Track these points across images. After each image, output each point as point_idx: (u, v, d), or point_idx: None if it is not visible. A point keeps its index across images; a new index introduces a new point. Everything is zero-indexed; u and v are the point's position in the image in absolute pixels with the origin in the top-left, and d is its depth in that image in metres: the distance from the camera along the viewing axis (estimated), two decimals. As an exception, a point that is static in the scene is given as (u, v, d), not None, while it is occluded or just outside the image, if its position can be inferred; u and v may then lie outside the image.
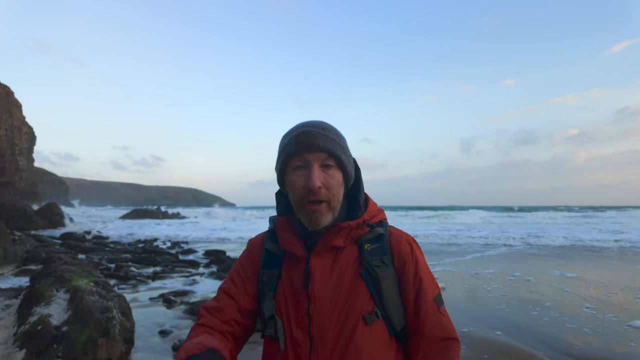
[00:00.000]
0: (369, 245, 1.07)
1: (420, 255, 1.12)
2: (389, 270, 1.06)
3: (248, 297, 1.12)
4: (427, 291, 1.06)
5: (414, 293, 1.06)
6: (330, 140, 1.05)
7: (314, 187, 1.00)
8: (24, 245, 9.49)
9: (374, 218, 1.12)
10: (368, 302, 1.01)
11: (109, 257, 9.91)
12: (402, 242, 1.11)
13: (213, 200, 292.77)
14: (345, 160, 1.07)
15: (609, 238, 14.93)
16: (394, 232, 1.13)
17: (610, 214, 39.46)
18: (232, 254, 11.07)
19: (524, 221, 30.32)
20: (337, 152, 1.05)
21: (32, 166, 30.02)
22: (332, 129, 1.09)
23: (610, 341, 4.18)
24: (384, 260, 1.06)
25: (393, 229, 1.15)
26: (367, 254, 1.06)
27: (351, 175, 1.11)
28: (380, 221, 1.14)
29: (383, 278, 1.03)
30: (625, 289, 6.62)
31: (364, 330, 0.98)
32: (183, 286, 6.88)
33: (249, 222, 30.06)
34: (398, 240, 1.11)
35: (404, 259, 1.08)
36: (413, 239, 1.15)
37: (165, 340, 4.09)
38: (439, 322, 1.04)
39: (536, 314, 5.15)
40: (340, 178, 1.07)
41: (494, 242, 14.45)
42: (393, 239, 1.11)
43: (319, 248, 1.05)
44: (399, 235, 1.12)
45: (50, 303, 3.55)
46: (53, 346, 2.92)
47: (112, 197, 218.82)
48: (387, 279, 1.04)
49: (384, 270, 1.04)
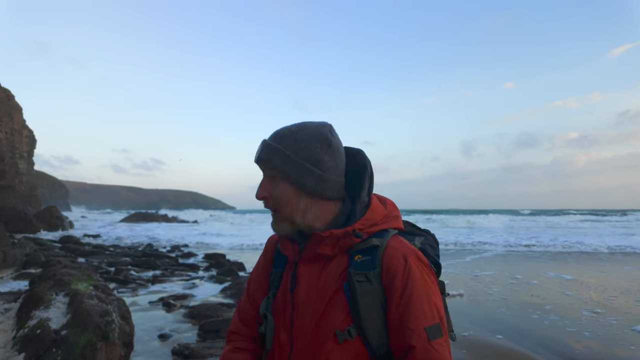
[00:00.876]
0: (359, 257, 0.95)
1: (418, 273, 0.92)
2: (372, 287, 0.91)
3: (264, 295, 1.13)
4: (415, 316, 0.88)
5: (398, 316, 0.89)
6: (272, 150, 0.98)
7: (256, 196, 1.02)
8: (24, 249, 9.48)
9: (374, 227, 0.99)
10: (345, 318, 0.91)
11: (108, 261, 9.90)
12: (395, 256, 0.93)
13: (213, 204, 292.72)
14: (288, 169, 0.96)
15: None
16: (391, 245, 0.96)
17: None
18: (231, 257, 11.06)
19: (555, 225, 29.33)
20: (275, 162, 0.97)
21: (32, 169, 30.02)
22: (287, 135, 0.99)
23: (612, 345, 4.16)
24: (368, 276, 0.92)
25: (395, 241, 0.97)
26: (355, 266, 0.94)
27: (304, 183, 0.97)
28: (382, 230, 0.99)
29: (361, 295, 0.90)
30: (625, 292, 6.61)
31: (334, 347, 0.91)
32: (183, 290, 6.87)
33: (250, 226, 30.03)
34: (392, 254, 0.94)
35: (393, 275, 0.92)
36: (415, 254, 0.96)
37: (165, 344, 4.08)
38: (427, 357, 0.86)
39: (537, 318, 5.14)
40: (286, 188, 0.98)
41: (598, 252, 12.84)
42: (387, 252, 0.94)
43: (305, 254, 1.00)
44: (396, 249, 0.95)
45: (50, 307, 3.54)
46: (52, 350, 2.91)
47: (112, 201, 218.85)
48: (366, 297, 0.90)
49: (364, 287, 0.91)
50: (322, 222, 1.00)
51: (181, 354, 3.74)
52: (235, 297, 6.08)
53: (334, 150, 1.00)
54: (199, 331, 4.39)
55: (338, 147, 1.01)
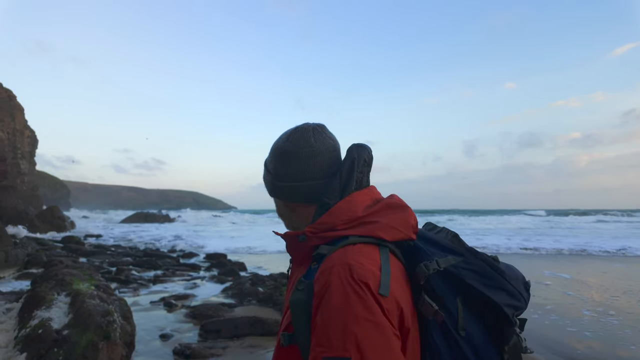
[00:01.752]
0: (314, 264, 0.85)
1: (338, 292, 0.74)
2: (302, 297, 0.80)
3: None
4: (317, 341, 0.73)
5: (312, 335, 0.76)
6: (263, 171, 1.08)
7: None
8: (25, 249, 9.50)
9: (331, 232, 0.86)
10: (290, 322, 0.83)
11: (110, 261, 9.91)
12: (323, 269, 0.79)
13: (214, 204, 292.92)
14: (264, 182, 1.07)
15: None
16: (330, 257, 0.81)
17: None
18: (233, 257, 11.07)
19: (575, 225, 28.40)
20: (264, 182, 1.07)
21: (34, 170, 30.09)
22: (272, 147, 1.04)
23: (613, 345, 4.15)
24: (303, 286, 0.81)
25: (338, 252, 0.81)
26: (306, 273, 0.86)
27: (271, 193, 1.05)
28: (341, 237, 0.85)
29: (291, 303, 0.80)
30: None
31: (279, 349, 0.86)
32: (184, 290, 6.88)
33: (249, 228, 30.04)
34: (323, 266, 0.80)
35: (316, 290, 0.78)
36: (348, 269, 0.76)
37: (166, 344, 4.08)
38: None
39: (538, 318, 5.13)
40: (278, 204, 1.06)
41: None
42: (324, 263, 0.81)
43: (289, 253, 0.99)
44: (330, 261, 0.80)
45: (51, 307, 3.55)
46: (54, 350, 2.92)
47: (113, 201, 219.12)
48: (295, 306, 0.80)
49: (295, 295, 0.81)
50: (304, 225, 0.97)
51: (182, 353, 3.75)
52: (236, 297, 6.08)
53: (291, 157, 0.95)
54: (200, 331, 4.39)
55: (299, 152, 0.94)
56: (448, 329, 0.78)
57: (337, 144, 1.00)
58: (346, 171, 0.93)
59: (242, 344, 4.13)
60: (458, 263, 0.83)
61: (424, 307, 0.80)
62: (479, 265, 0.83)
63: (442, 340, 0.79)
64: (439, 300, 0.80)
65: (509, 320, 0.79)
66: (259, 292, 6.12)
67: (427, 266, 0.82)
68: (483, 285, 0.80)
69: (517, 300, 0.82)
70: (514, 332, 0.80)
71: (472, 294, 0.80)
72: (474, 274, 0.82)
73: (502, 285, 0.81)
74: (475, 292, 0.80)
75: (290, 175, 0.96)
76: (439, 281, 0.82)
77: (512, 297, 0.81)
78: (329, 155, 0.96)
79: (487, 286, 0.80)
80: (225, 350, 3.93)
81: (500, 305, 0.79)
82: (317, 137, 0.96)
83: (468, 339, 0.78)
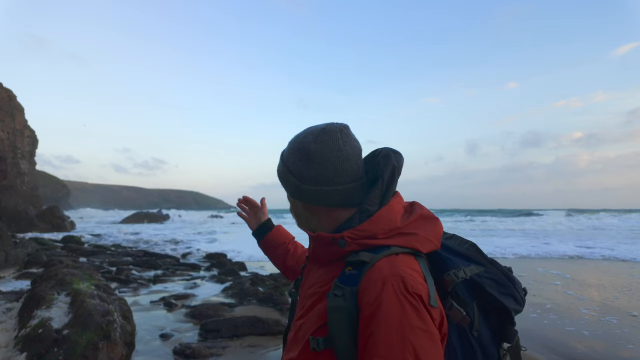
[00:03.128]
0: (349, 269, 0.86)
1: (395, 304, 0.77)
2: (345, 305, 0.80)
3: None
4: (376, 352, 0.75)
5: (362, 345, 0.78)
6: (278, 166, 1.04)
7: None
8: (26, 249, 9.49)
9: (370, 239, 0.87)
10: (320, 327, 0.84)
11: (110, 261, 9.91)
12: (374, 278, 0.80)
13: (214, 204, 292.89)
14: (282, 184, 1.03)
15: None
16: (378, 265, 0.82)
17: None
18: (233, 257, 11.06)
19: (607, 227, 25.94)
20: (280, 180, 1.04)
21: (34, 169, 30.09)
22: (284, 151, 1.03)
23: (614, 345, 4.15)
24: (345, 292, 0.82)
25: (386, 261, 0.83)
26: (341, 278, 0.85)
27: (291, 195, 1.01)
28: (380, 246, 0.87)
29: (332, 311, 0.81)
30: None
31: (305, 353, 0.85)
32: (184, 289, 6.88)
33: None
34: (373, 275, 0.81)
35: (366, 299, 0.79)
36: (402, 282, 0.79)
37: (166, 344, 4.08)
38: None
39: (538, 318, 5.13)
40: (296, 204, 1.03)
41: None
42: (370, 272, 0.82)
43: (310, 253, 0.98)
44: (380, 270, 0.81)
45: (51, 306, 3.55)
46: (54, 350, 2.92)
47: (113, 200, 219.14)
48: (336, 313, 0.80)
49: (337, 303, 0.81)
50: (325, 227, 0.98)
51: (182, 353, 3.75)
52: (236, 297, 6.08)
53: (319, 161, 0.92)
54: (200, 331, 4.39)
55: (329, 156, 0.92)
56: (464, 330, 0.89)
57: (360, 145, 0.98)
58: (388, 179, 0.93)
59: (242, 343, 4.13)
60: (481, 272, 0.93)
61: (452, 312, 0.87)
62: (498, 275, 0.95)
63: (457, 340, 0.88)
64: (464, 305, 0.89)
65: (512, 322, 0.94)
66: (259, 291, 6.12)
67: (456, 274, 0.89)
68: (498, 293, 0.92)
69: (520, 305, 0.96)
70: (516, 332, 0.93)
71: (487, 300, 0.91)
72: (493, 282, 0.93)
73: (512, 292, 0.94)
74: (491, 298, 0.91)
75: (318, 179, 0.93)
76: (463, 288, 0.91)
77: (517, 302, 0.95)
78: (356, 160, 0.95)
79: (501, 293, 0.92)
80: (225, 350, 3.93)
81: (510, 309, 0.92)
82: (344, 140, 0.94)
83: (479, 338, 0.90)
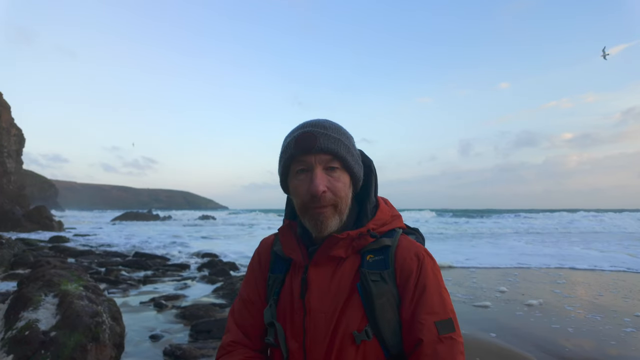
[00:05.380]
0: (371, 257, 0.96)
1: (431, 270, 0.96)
2: (387, 287, 0.92)
3: (263, 304, 1.07)
4: (426, 311, 0.90)
5: (410, 312, 0.92)
6: (333, 140, 0.95)
7: (317, 192, 0.92)
8: (12, 249, 9.33)
9: (384, 226, 1.01)
10: (361, 319, 0.91)
11: (98, 261, 9.78)
12: (408, 255, 0.96)
13: (205, 203, 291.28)
14: (351, 161, 0.98)
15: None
16: (402, 244, 0.98)
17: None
18: (223, 258, 11.00)
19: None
20: (342, 153, 0.95)
21: (21, 169, 29.61)
22: (335, 127, 0.98)
23: (602, 343, 4.21)
24: (383, 276, 0.93)
25: (404, 239, 1.00)
26: (368, 266, 0.95)
27: (359, 176, 1.01)
28: (391, 230, 1.02)
29: (378, 295, 0.91)
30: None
31: (351, 349, 0.90)
32: (174, 290, 6.81)
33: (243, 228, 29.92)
34: (405, 253, 0.96)
35: (407, 274, 0.94)
36: (427, 252, 0.99)
37: (156, 345, 4.04)
38: (436, 352, 0.88)
39: (529, 317, 5.18)
40: (346, 180, 0.98)
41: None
42: (399, 251, 0.96)
43: (318, 257, 0.97)
44: (408, 248, 0.97)
45: (39, 308, 3.48)
46: (41, 352, 2.87)
47: (103, 200, 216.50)
48: (382, 297, 0.91)
49: (380, 287, 0.92)
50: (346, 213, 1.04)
51: (173, 354, 3.71)
52: (227, 298, 6.04)
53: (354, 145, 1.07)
54: (191, 332, 4.36)
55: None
56: None
57: None
58: (375, 174, 1.09)
59: (233, 344, 4.11)
60: (415, 239, 1.09)
61: None
62: (421, 239, 1.12)
63: None
64: None
65: None
66: (251, 292, 6.09)
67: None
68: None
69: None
70: None
71: None
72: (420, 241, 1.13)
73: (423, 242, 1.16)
74: None
75: (359, 162, 1.05)
76: None
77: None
78: None
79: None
80: (216, 351, 3.90)
81: None
82: None
83: None
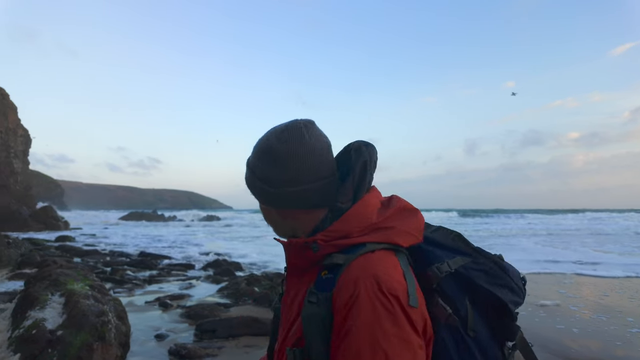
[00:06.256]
0: (325, 274, 0.79)
1: (367, 306, 0.70)
2: (318, 311, 0.75)
3: None
4: (344, 358, 0.70)
5: (333, 351, 0.73)
6: (245, 173, 0.95)
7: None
8: (19, 249, 9.42)
9: (344, 239, 0.80)
10: (300, 338, 0.78)
11: (104, 261, 9.85)
12: (347, 281, 0.74)
13: (210, 204, 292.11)
14: (251, 191, 0.94)
15: None
16: (353, 265, 0.76)
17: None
18: (229, 257, 11.03)
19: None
20: (248, 188, 0.95)
21: (27, 169, 29.86)
22: (250, 157, 0.93)
23: (609, 344, 4.18)
24: (319, 297, 0.75)
25: (361, 260, 0.76)
26: (317, 284, 0.78)
27: (262, 201, 0.92)
28: (357, 245, 0.79)
29: (306, 317, 0.76)
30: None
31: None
32: (179, 290, 6.85)
33: (249, 227, 29.98)
34: (346, 276, 0.75)
35: (339, 302, 0.73)
36: (376, 281, 0.72)
37: (161, 345, 4.06)
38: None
39: (534, 317, 5.16)
40: (269, 211, 0.93)
41: None
42: (345, 274, 0.75)
43: (287, 262, 0.90)
44: (355, 272, 0.74)
45: (45, 307, 3.51)
46: (47, 350, 2.89)
47: (108, 200, 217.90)
48: (310, 320, 0.75)
49: (310, 309, 0.75)
50: (304, 231, 0.89)
51: (178, 354, 3.73)
52: (231, 297, 6.06)
53: (285, 160, 0.84)
54: (196, 331, 4.37)
55: (294, 154, 0.84)
56: (458, 330, 0.78)
57: (329, 140, 0.90)
58: (359, 173, 0.85)
59: (237, 344, 4.12)
60: (467, 264, 0.83)
61: (437, 310, 0.79)
62: (488, 264, 0.84)
63: (452, 342, 0.78)
64: (450, 302, 0.79)
65: (512, 316, 0.81)
66: (255, 292, 6.11)
67: (439, 269, 0.80)
68: (490, 284, 0.81)
69: (518, 296, 0.84)
70: (517, 327, 0.81)
71: (479, 294, 0.80)
72: (482, 273, 0.82)
73: (506, 282, 0.83)
74: (483, 291, 0.80)
75: (286, 180, 0.85)
76: (451, 283, 0.81)
77: (514, 293, 0.83)
78: (326, 156, 0.86)
79: (494, 284, 0.81)
80: (221, 350, 3.92)
81: (506, 302, 0.80)
82: (311, 135, 0.85)
83: (476, 338, 0.79)
